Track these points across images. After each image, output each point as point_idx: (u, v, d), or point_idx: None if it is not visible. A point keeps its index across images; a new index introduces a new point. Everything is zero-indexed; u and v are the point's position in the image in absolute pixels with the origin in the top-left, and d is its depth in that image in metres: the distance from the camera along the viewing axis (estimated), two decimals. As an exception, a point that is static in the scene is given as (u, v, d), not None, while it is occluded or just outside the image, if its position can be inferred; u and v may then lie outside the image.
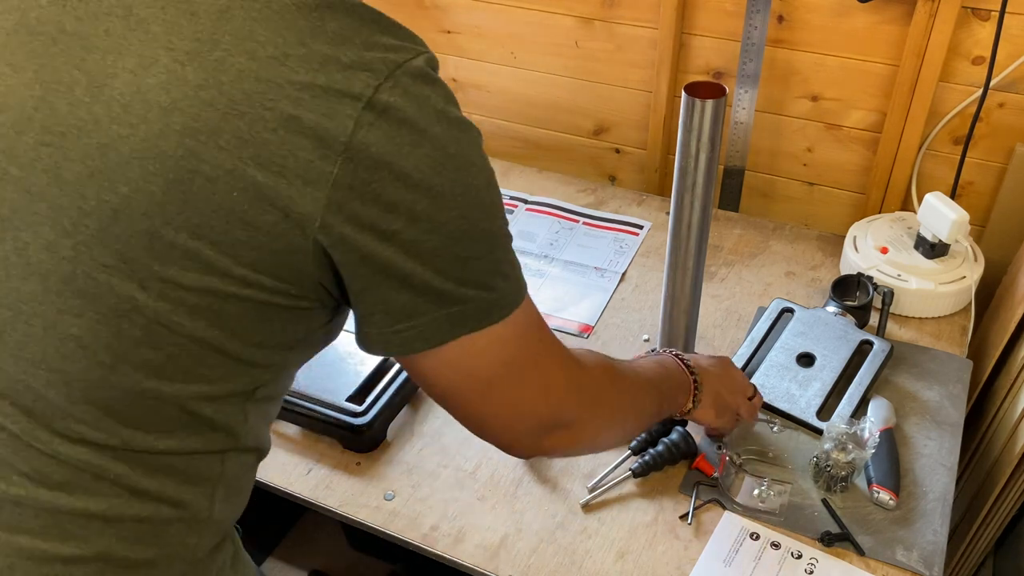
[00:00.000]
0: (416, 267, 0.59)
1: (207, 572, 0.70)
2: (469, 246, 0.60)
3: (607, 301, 1.31)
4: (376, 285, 0.59)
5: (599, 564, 0.94)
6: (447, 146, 0.58)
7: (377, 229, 0.57)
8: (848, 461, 0.98)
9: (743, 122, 1.46)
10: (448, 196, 0.58)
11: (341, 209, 0.55)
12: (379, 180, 0.55)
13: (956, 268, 1.25)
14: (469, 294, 0.61)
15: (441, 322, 0.61)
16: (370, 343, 0.64)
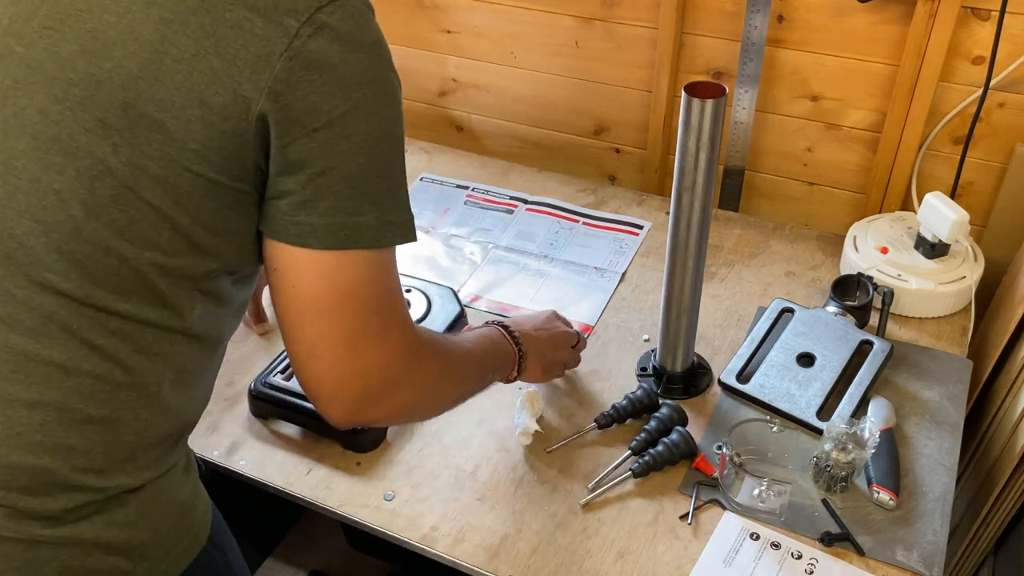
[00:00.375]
0: (324, 166, 0.68)
1: (157, 463, 0.76)
2: (372, 162, 0.70)
3: (607, 301, 1.31)
4: (290, 172, 0.68)
5: (599, 564, 0.94)
6: (369, 71, 0.69)
7: (301, 122, 0.67)
8: (848, 461, 0.98)
9: (743, 122, 1.46)
10: (361, 112, 0.68)
11: (277, 98, 0.66)
12: (310, 81, 0.66)
13: (956, 268, 1.25)
14: (366, 207, 0.70)
15: (336, 228, 0.69)
16: (272, 225, 0.71)
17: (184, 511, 0.79)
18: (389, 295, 0.75)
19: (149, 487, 0.75)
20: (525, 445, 1.07)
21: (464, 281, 1.36)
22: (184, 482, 0.80)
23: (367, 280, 0.72)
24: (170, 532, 0.77)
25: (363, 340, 0.73)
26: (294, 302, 0.72)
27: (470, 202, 1.54)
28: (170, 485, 0.78)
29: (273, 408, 1.10)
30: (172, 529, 0.77)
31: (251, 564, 1.60)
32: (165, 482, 0.77)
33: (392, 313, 0.75)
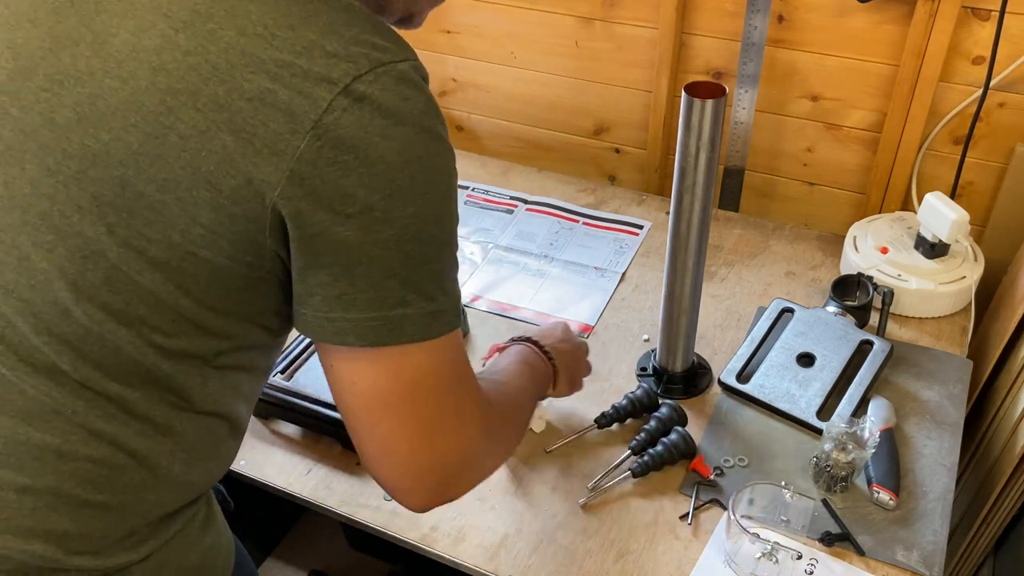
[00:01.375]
0: (362, 256, 0.60)
1: (166, 530, 0.71)
2: (418, 248, 0.62)
3: (607, 301, 1.31)
4: (321, 265, 0.61)
5: (599, 564, 0.94)
6: (414, 147, 0.60)
7: (333, 209, 0.58)
8: (848, 461, 0.98)
9: (743, 122, 1.46)
10: (407, 194, 0.60)
11: (302, 183, 0.58)
12: (342, 163, 0.57)
13: (956, 268, 1.25)
14: (410, 298, 0.62)
15: (377, 323, 0.62)
16: (304, 324, 0.65)
17: (198, 572, 0.74)
18: (458, 376, 0.69)
19: (156, 555, 0.70)
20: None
21: (464, 281, 1.36)
22: (200, 540, 0.75)
23: (433, 368, 0.65)
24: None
25: (438, 427, 0.67)
26: (358, 401, 0.65)
27: (470, 202, 1.54)
28: (182, 548, 0.73)
29: (273, 408, 1.10)
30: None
31: (251, 564, 1.60)
32: (175, 546, 0.72)
33: (464, 394, 0.69)
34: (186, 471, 0.70)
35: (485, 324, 1.27)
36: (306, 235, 0.60)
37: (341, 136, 0.57)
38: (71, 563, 0.65)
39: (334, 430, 1.07)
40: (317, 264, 0.61)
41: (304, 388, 1.09)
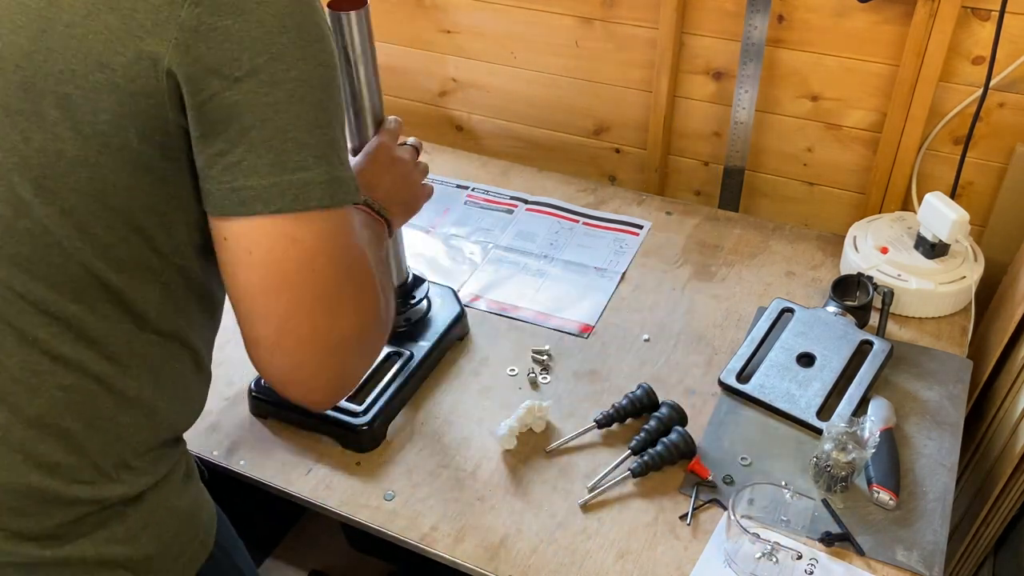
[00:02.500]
0: (255, 119, 0.61)
1: (153, 468, 0.73)
2: (308, 111, 0.63)
3: (607, 301, 1.31)
4: (217, 132, 0.62)
5: (599, 564, 0.94)
6: (292, 14, 0.62)
7: (220, 73, 0.60)
8: (848, 461, 0.98)
9: (743, 122, 1.46)
10: (288, 57, 0.62)
11: (188, 50, 0.59)
12: (223, 28, 0.59)
13: (956, 268, 1.25)
14: (309, 161, 0.63)
15: (283, 188, 0.62)
16: (211, 201, 0.64)
17: (187, 519, 0.77)
18: (358, 253, 0.68)
19: (148, 496, 0.73)
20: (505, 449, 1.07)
21: (464, 281, 1.36)
22: (184, 490, 0.78)
23: (331, 236, 0.65)
24: (174, 542, 0.75)
25: (340, 305, 0.66)
26: (253, 275, 0.64)
27: (470, 202, 1.54)
28: (169, 493, 0.75)
29: (273, 408, 1.10)
30: (176, 539, 0.75)
31: (251, 564, 1.60)
32: (164, 490, 0.75)
33: (362, 271, 0.69)
34: (156, 397, 0.72)
35: (485, 324, 1.27)
36: (199, 101, 0.61)
37: (218, 2, 0.59)
38: (71, 493, 0.67)
39: (334, 430, 1.07)
40: (213, 132, 0.62)
41: (304, 388, 1.09)
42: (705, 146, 1.55)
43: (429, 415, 1.12)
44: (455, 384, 1.16)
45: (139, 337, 0.69)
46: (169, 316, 0.70)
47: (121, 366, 0.68)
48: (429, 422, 1.11)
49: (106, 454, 0.69)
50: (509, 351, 1.21)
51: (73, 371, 0.66)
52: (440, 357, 1.19)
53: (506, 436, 1.05)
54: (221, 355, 1.20)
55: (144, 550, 0.72)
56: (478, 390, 1.15)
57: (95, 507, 0.69)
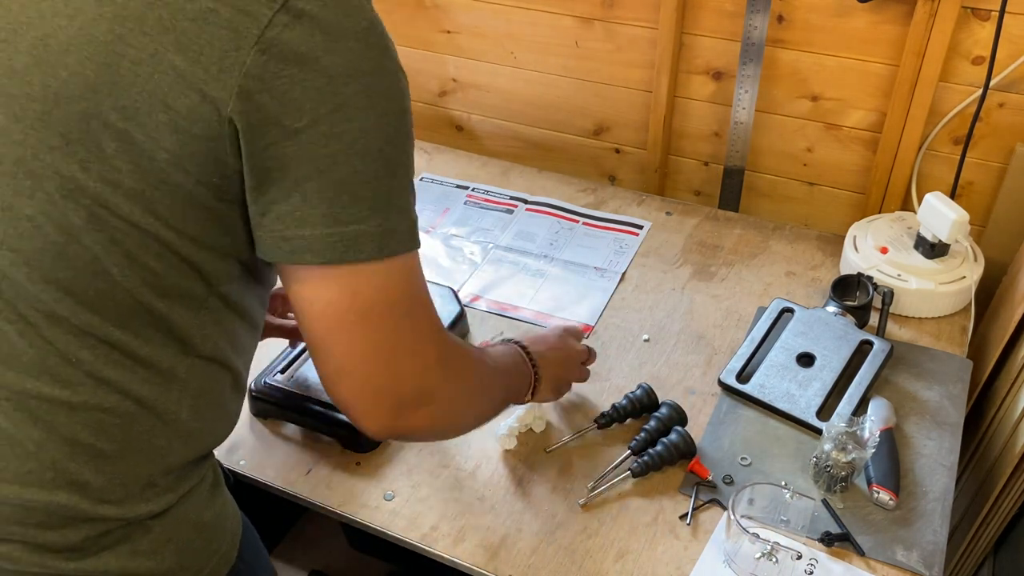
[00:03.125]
0: (311, 170, 0.61)
1: (179, 483, 0.73)
2: (368, 164, 0.63)
3: (607, 301, 1.31)
4: (272, 181, 0.62)
5: (599, 564, 0.94)
6: (359, 62, 0.62)
7: (281, 123, 0.60)
8: (848, 461, 0.98)
9: (743, 122, 1.46)
10: (352, 108, 0.61)
11: (251, 97, 0.59)
12: (288, 76, 0.59)
13: (956, 268, 1.25)
14: (364, 214, 0.63)
15: (334, 240, 0.63)
16: (262, 247, 0.66)
17: (211, 532, 0.77)
18: (418, 301, 0.70)
19: (173, 510, 0.73)
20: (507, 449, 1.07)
21: (464, 281, 1.36)
22: (211, 501, 0.78)
23: (390, 287, 0.67)
24: (197, 556, 0.75)
25: (396, 351, 0.68)
26: (316, 322, 0.67)
27: (470, 202, 1.54)
28: (195, 506, 0.75)
29: (273, 408, 1.10)
30: (199, 552, 0.75)
31: (251, 564, 1.60)
32: (190, 503, 0.75)
33: (424, 320, 0.71)
34: (194, 419, 0.72)
35: (485, 324, 1.27)
36: (257, 150, 0.61)
37: (284, 51, 0.59)
38: (97, 512, 0.68)
39: (334, 430, 1.07)
40: (268, 180, 0.62)
41: (304, 388, 1.09)
42: (705, 146, 1.55)
43: (429, 415, 1.12)
44: (455, 384, 1.16)
45: (183, 361, 0.70)
46: (213, 340, 0.71)
47: (163, 389, 0.69)
48: (429, 422, 1.11)
49: (136, 475, 0.70)
50: (509, 351, 1.21)
51: (115, 393, 0.67)
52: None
53: (506, 436, 1.05)
54: (221, 355, 1.21)
55: (167, 563, 0.72)
56: (478, 390, 1.15)
57: (120, 523, 0.70)
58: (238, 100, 0.59)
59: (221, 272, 0.69)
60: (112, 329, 0.65)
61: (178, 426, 0.71)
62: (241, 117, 0.60)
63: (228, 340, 0.73)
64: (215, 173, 0.62)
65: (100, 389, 0.66)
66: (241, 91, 0.59)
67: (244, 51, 0.58)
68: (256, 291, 0.75)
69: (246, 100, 0.59)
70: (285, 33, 0.59)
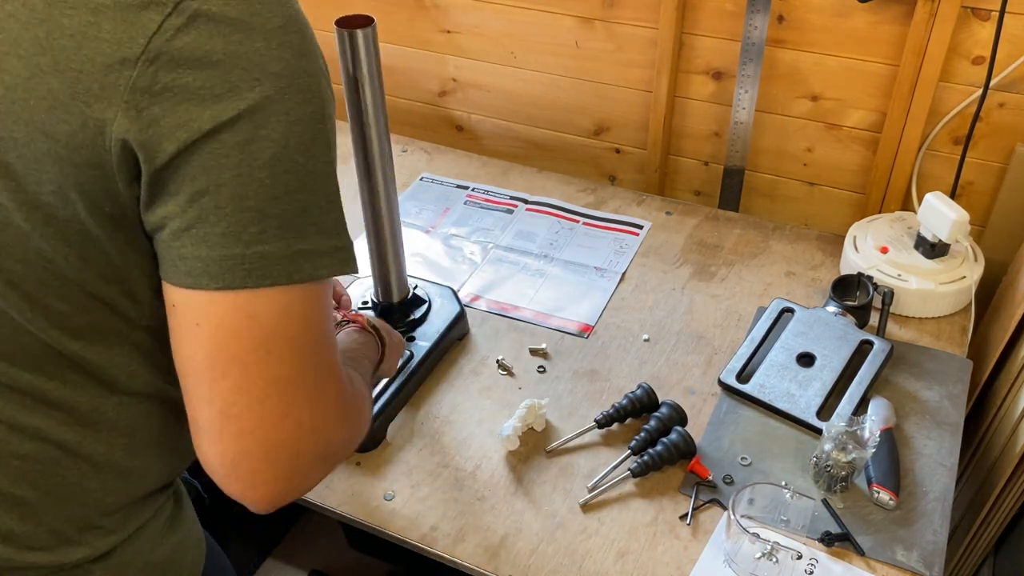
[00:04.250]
0: (209, 184, 0.54)
1: (125, 523, 0.68)
2: (276, 177, 0.56)
3: (607, 301, 1.31)
4: (168, 194, 0.55)
5: (599, 564, 0.94)
6: (269, 64, 0.54)
7: (176, 137, 0.53)
8: (848, 461, 0.98)
9: (743, 122, 1.46)
10: (259, 115, 0.54)
11: (140, 114, 0.53)
12: (181, 86, 0.53)
13: (956, 268, 1.25)
14: (269, 233, 0.56)
15: (234, 263, 0.55)
16: (161, 264, 0.58)
17: (165, 570, 0.72)
18: (323, 337, 0.61)
19: (119, 552, 0.68)
20: (508, 449, 1.07)
21: (464, 281, 1.36)
22: (166, 536, 0.72)
23: (294, 315, 0.58)
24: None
25: (295, 394, 0.58)
26: (199, 348, 0.57)
27: (470, 202, 1.54)
28: (146, 544, 0.70)
29: (273, 408, 1.10)
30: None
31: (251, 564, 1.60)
32: (140, 542, 0.70)
33: (327, 360, 0.61)
34: (130, 458, 0.66)
35: (485, 324, 1.27)
36: (155, 168, 0.54)
37: (176, 58, 0.52)
38: (25, 560, 0.63)
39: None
40: (165, 192, 0.55)
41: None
42: (705, 146, 1.55)
43: (429, 415, 1.12)
44: (455, 384, 1.16)
45: (107, 401, 0.64)
46: (143, 376, 0.65)
47: (88, 431, 0.64)
48: (429, 422, 1.11)
49: (68, 519, 0.65)
50: (509, 351, 1.21)
51: (30, 439, 0.62)
52: (440, 357, 1.19)
53: (510, 436, 1.05)
54: (221, 355, 1.20)
55: None
56: (478, 390, 1.15)
57: (54, 569, 0.65)
58: (124, 119, 0.53)
59: (141, 306, 0.62)
60: (21, 373, 0.60)
61: (112, 467, 0.66)
62: (132, 136, 0.53)
63: (164, 373, 0.66)
64: (107, 202, 0.56)
65: (13, 435, 0.61)
66: (128, 107, 0.53)
67: (128, 65, 0.52)
68: None
69: (135, 118, 0.53)
70: (178, 39, 0.52)
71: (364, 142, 1.02)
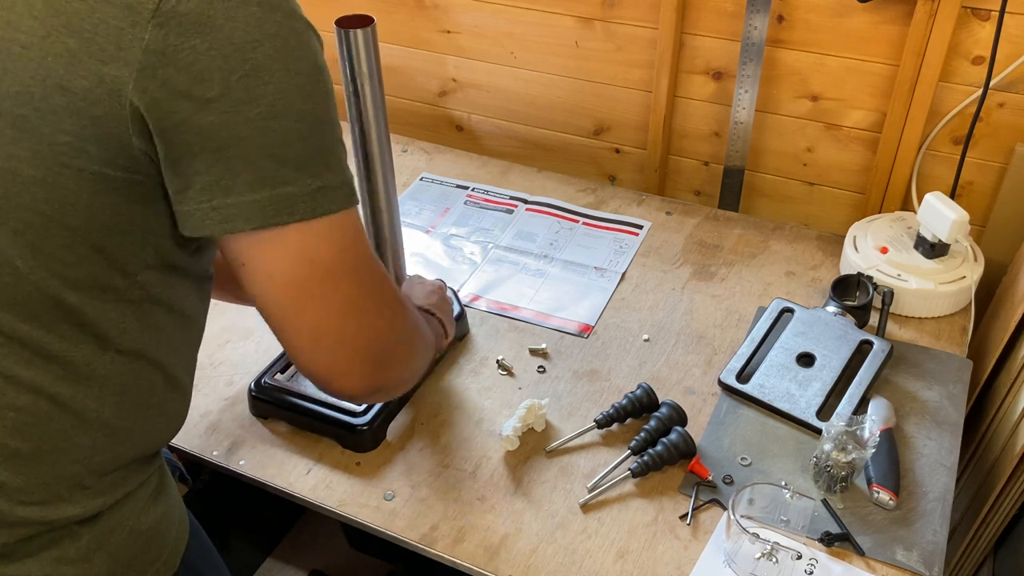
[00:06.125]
0: (230, 138, 0.60)
1: (113, 488, 0.71)
2: (288, 125, 0.62)
3: (607, 301, 1.31)
4: (192, 154, 0.60)
5: (599, 564, 0.94)
6: (265, 25, 0.60)
7: (191, 96, 0.58)
8: (848, 461, 0.98)
9: (743, 122, 1.46)
10: (264, 71, 0.60)
11: (155, 74, 0.57)
12: (191, 47, 0.57)
13: (956, 268, 1.25)
14: (289, 175, 0.62)
15: (263, 204, 0.62)
16: (190, 223, 0.63)
17: (150, 540, 0.74)
18: (369, 256, 0.70)
19: (105, 516, 0.70)
20: (508, 449, 1.07)
21: (464, 281, 1.36)
22: (150, 508, 0.75)
23: (342, 246, 0.66)
24: (132, 563, 0.72)
25: (366, 306, 0.69)
26: (280, 293, 0.65)
27: (470, 202, 1.54)
28: (132, 512, 0.73)
29: (273, 408, 1.10)
30: (134, 560, 0.73)
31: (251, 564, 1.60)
32: (125, 510, 0.72)
33: (379, 272, 0.71)
34: (119, 417, 0.70)
35: (485, 324, 1.27)
36: (169, 125, 0.59)
37: (184, 23, 0.57)
38: (16, 514, 0.66)
39: (334, 430, 1.07)
40: (188, 153, 0.60)
41: (304, 388, 1.09)
42: (705, 146, 1.55)
43: (429, 415, 1.12)
44: (455, 384, 1.16)
45: (100, 357, 0.67)
46: (134, 335, 0.69)
47: (80, 386, 0.67)
48: (429, 422, 1.11)
49: (59, 476, 0.67)
50: (509, 351, 1.21)
51: (26, 391, 0.64)
52: (440, 357, 1.19)
53: (510, 436, 1.05)
54: (221, 355, 1.21)
55: (96, 571, 0.70)
56: (478, 390, 1.15)
57: (44, 527, 0.67)
58: (140, 78, 0.57)
59: (139, 260, 0.66)
60: (20, 324, 0.63)
61: (101, 425, 0.69)
62: (145, 95, 0.58)
63: (153, 335, 0.70)
64: (120, 156, 0.60)
65: (10, 387, 0.64)
66: (143, 68, 0.57)
67: (141, 27, 0.57)
68: (187, 284, 0.73)
69: (150, 77, 0.57)
70: (183, 3, 0.57)
71: (364, 142, 1.02)
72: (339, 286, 0.66)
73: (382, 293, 0.71)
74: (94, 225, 0.62)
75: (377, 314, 0.70)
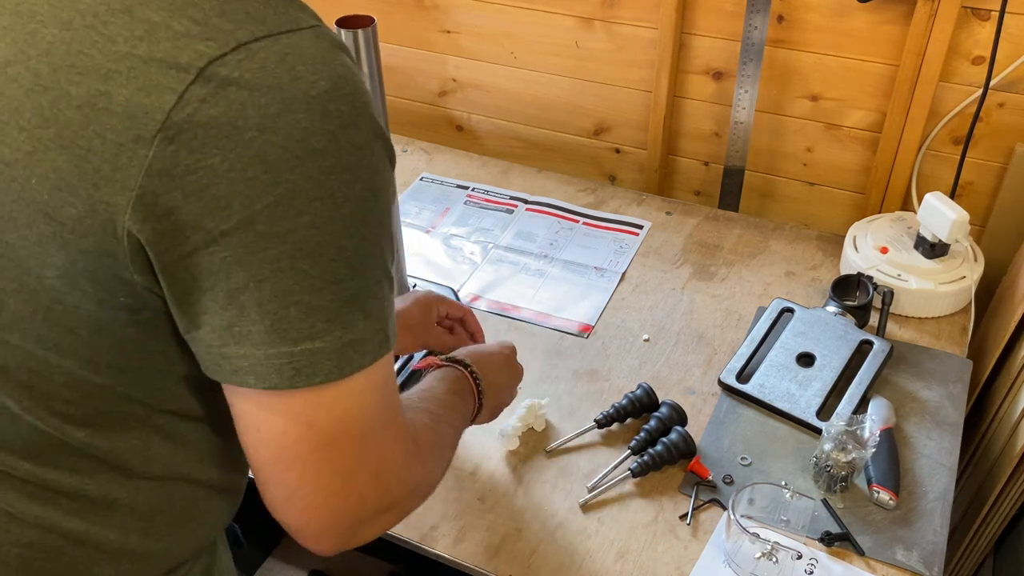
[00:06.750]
0: (247, 279, 0.48)
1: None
2: (321, 267, 0.50)
3: (607, 301, 1.31)
4: (201, 290, 0.49)
5: (599, 564, 0.94)
6: (311, 139, 0.48)
7: (202, 227, 0.47)
8: (848, 461, 0.98)
9: (743, 122, 1.46)
10: (299, 199, 0.48)
11: (156, 201, 0.46)
12: (208, 168, 0.46)
13: (956, 268, 1.25)
14: (317, 328, 0.50)
15: (281, 363, 0.50)
16: (202, 363, 0.54)
17: None
18: (383, 418, 0.57)
19: None
20: (508, 449, 1.07)
21: (464, 281, 1.36)
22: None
23: (352, 412, 0.54)
24: None
25: (357, 475, 0.56)
26: (264, 449, 0.54)
27: (470, 202, 1.54)
28: None
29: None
30: None
31: (251, 564, 1.60)
32: None
33: (390, 435, 0.58)
34: (149, 542, 0.62)
35: (485, 324, 1.26)
36: (174, 260, 0.48)
37: (200, 135, 0.46)
38: None
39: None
40: (197, 289, 0.49)
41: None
42: (705, 146, 1.55)
43: (429, 415, 1.12)
44: (455, 384, 1.16)
45: (123, 486, 0.59)
46: (164, 460, 0.60)
47: (97, 519, 0.59)
48: (429, 422, 1.11)
49: None
50: (509, 351, 1.21)
51: (32, 528, 0.57)
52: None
53: (510, 436, 1.05)
54: (221, 355, 1.20)
55: None
56: (478, 390, 1.15)
57: None
58: (139, 205, 0.47)
59: (162, 391, 0.57)
60: (20, 463, 0.56)
61: (126, 552, 0.61)
62: (144, 227, 0.47)
63: (192, 452, 0.62)
64: (120, 292, 0.51)
65: (13, 524, 0.56)
66: (144, 193, 0.46)
67: (144, 142, 0.46)
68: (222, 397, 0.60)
69: (150, 205, 0.47)
70: (203, 111, 0.46)
71: None
72: (333, 456, 0.54)
73: (385, 460, 0.58)
74: (99, 365, 0.54)
75: (371, 483, 0.57)
